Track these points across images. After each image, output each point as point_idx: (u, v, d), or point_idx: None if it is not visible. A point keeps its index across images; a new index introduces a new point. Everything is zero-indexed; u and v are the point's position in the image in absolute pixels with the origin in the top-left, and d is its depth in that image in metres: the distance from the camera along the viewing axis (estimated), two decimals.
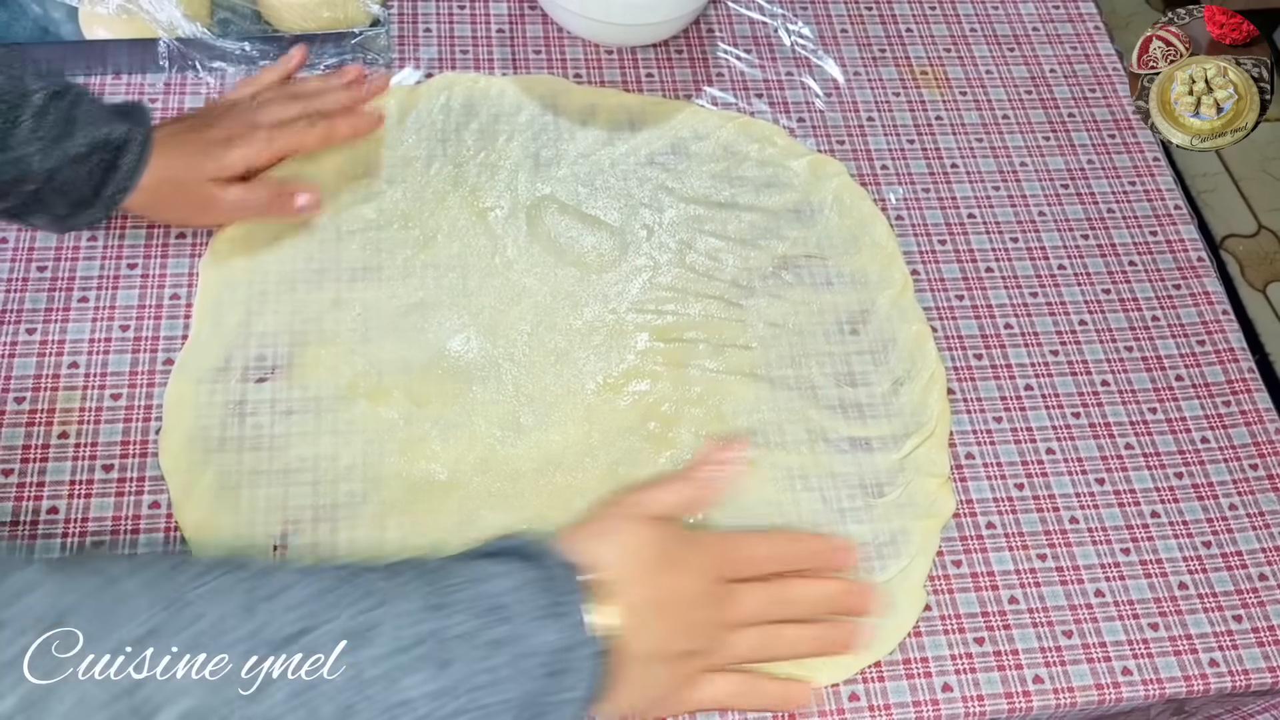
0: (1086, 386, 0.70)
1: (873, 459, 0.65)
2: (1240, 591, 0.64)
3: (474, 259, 0.69)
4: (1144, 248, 0.76)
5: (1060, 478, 0.66)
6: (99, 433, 0.60)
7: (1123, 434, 0.68)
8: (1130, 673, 0.60)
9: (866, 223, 0.73)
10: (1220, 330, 0.73)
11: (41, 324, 0.63)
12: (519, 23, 0.79)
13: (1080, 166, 0.79)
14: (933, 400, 0.67)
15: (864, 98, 0.80)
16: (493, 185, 0.71)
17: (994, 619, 0.61)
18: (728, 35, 0.81)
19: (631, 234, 0.71)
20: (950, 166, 0.77)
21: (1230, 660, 0.61)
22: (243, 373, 0.63)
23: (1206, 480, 0.67)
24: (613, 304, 0.68)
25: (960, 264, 0.73)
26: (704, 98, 0.78)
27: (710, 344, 0.67)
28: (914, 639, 0.60)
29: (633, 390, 0.65)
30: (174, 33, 0.67)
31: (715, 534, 0.50)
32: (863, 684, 0.59)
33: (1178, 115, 0.72)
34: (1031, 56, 0.84)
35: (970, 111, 0.80)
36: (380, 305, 0.66)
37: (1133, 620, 0.62)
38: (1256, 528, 0.66)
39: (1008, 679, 0.60)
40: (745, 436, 0.62)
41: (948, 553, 0.63)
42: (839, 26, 0.83)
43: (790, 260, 0.71)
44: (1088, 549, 0.64)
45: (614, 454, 0.63)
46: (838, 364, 0.68)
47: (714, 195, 0.73)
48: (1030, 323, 0.72)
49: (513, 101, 0.75)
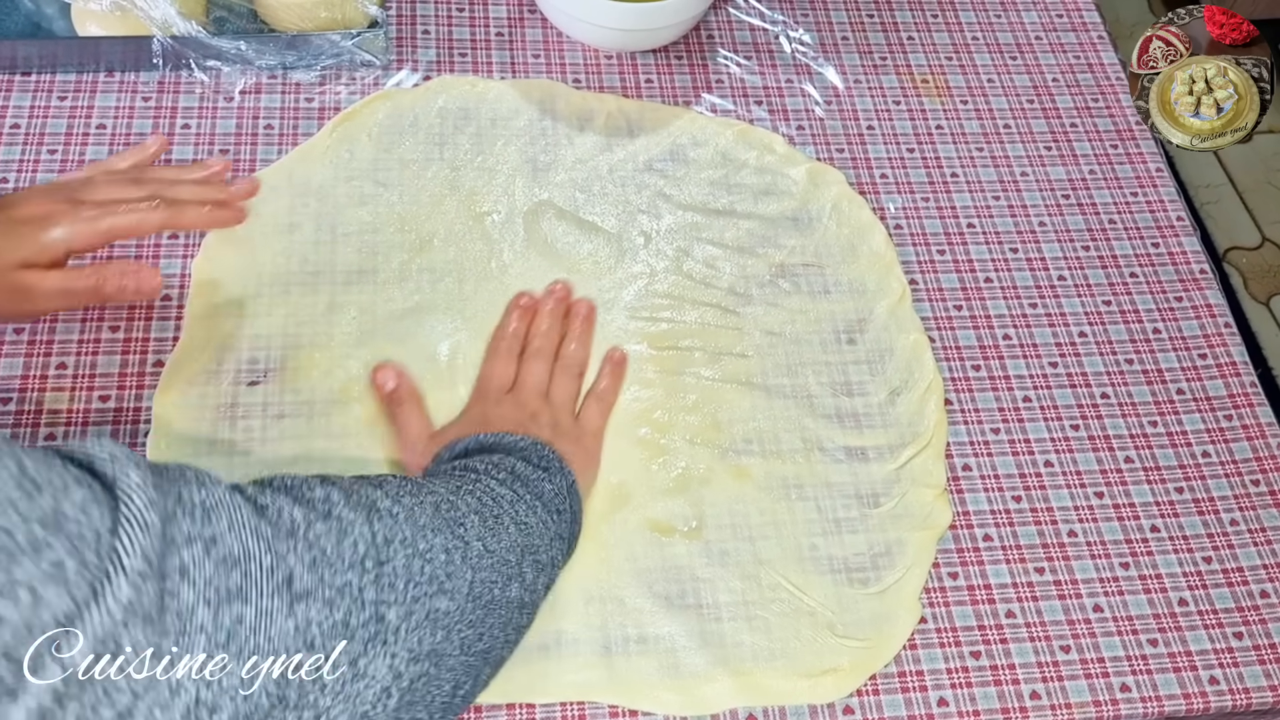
0: (1086, 399, 0.69)
1: (869, 469, 0.64)
2: (1241, 608, 0.63)
3: (470, 264, 0.68)
4: (1145, 259, 0.75)
5: (1059, 490, 0.65)
6: (87, 436, 0.59)
7: (1122, 447, 0.68)
8: (1129, 689, 0.60)
9: (865, 231, 0.73)
10: (1222, 343, 0.72)
11: (29, 324, 0.62)
12: (518, 26, 0.79)
13: (1082, 176, 0.78)
14: (929, 410, 0.66)
15: (864, 106, 0.79)
16: (490, 189, 0.71)
17: (991, 633, 0.60)
18: (728, 41, 0.81)
19: (629, 240, 0.70)
20: (950, 176, 0.77)
21: (1231, 678, 0.61)
22: (235, 375, 0.62)
23: (1207, 495, 0.66)
24: (605, 311, 0.67)
25: (959, 274, 0.73)
26: (703, 104, 0.77)
27: (706, 352, 0.67)
28: (909, 651, 0.59)
29: (625, 396, 0.65)
30: (168, 30, 0.67)
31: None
32: (858, 697, 0.58)
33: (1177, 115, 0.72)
34: (1034, 65, 0.83)
35: (971, 120, 0.80)
36: (375, 309, 0.65)
37: (1132, 636, 0.61)
38: (1258, 543, 0.65)
39: (1004, 694, 0.59)
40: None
41: (944, 565, 0.62)
42: (840, 34, 0.82)
43: (788, 268, 0.71)
44: (1086, 563, 0.63)
45: (606, 460, 0.62)
46: (834, 373, 0.67)
47: (712, 202, 0.73)
48: (1029, 334, 0.71)
49: (511, 106, 0.74)
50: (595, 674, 0.57)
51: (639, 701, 0.56)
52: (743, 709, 0.57)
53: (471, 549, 0.41)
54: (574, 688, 0.56)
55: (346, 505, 0.36)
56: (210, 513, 0.32)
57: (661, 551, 0.61)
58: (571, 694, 0.56)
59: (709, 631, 0.58)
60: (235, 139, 0.70)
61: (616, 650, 0.57)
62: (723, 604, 0.59)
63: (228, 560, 0.31)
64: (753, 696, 0.57)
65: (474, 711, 0.55)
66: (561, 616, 0.58)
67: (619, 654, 0.57)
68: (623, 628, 0.58)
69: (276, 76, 0.72)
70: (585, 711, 0.56)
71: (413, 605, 0.36)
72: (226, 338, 0.63)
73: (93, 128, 0.68)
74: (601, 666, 0.57)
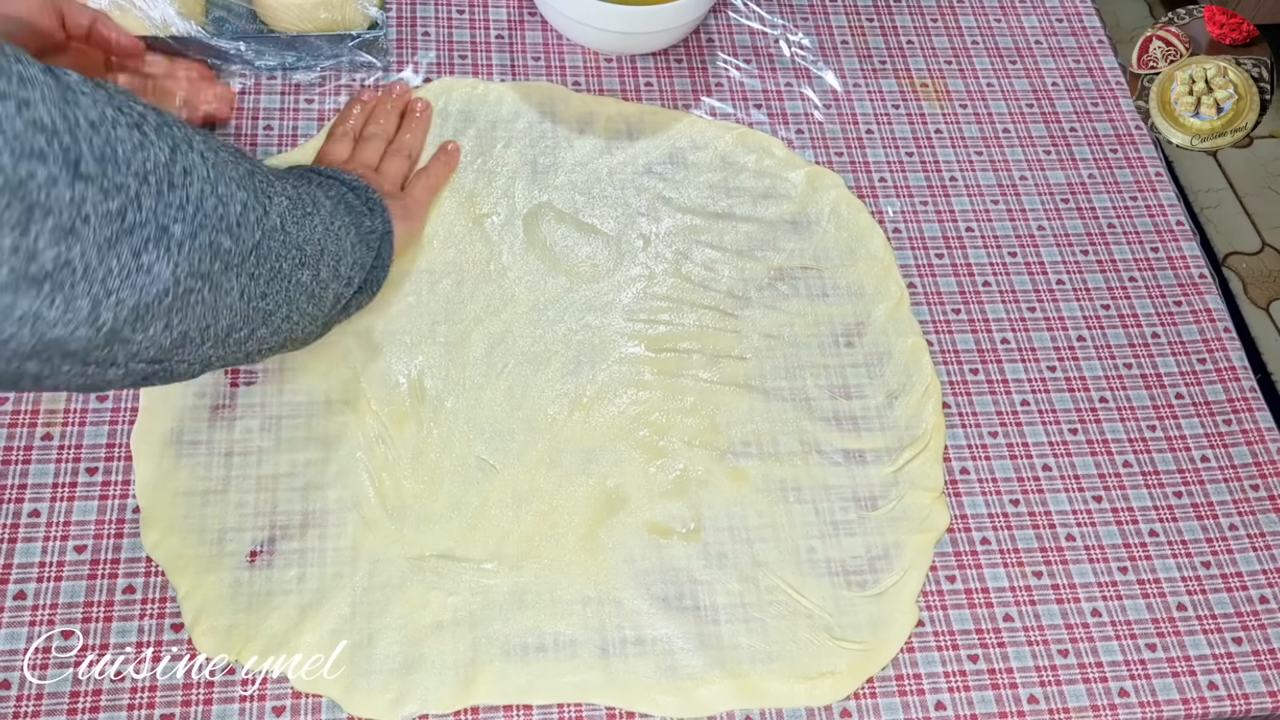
0: (1084, 403, 0.69)
1: (866, 472, 0.64)
2: (1240, 614, 0.63)
3: (469, 265, 0.68)
4: (1145, 264, 0.75)
5: (1057, 494, 0.65)
6: (83, 435, 0.59)
7: (1121, 451, 0.67)
8: (1127, 694, 0.59)
9: (863, 235, 0.73)
10: (1221, 348, 0.72)
11: None
12: (518, 29, 0.79)
13: (1081, 181, 0.78)
14: (927, 414, 0.66)
15: (863, 109, 0.79)
16: (490, 191, 0.71)
17: (988, 636, 0.60)
18: (727, 45, 0.81)
19: (628, 243, 0.70)
20: (949, 179, 0.77)
21: (1230, 683, 0.60)
22: (231, 375, 0.62)
23: (1206, 500, 0.66)
24: (601, 313, 0.67)
25: (958, 278, 0.73)
26: (702, 108, 0.77)
27: (705, 354, 0.67)
28: (907, 655, 0.59)
29: (623, 399, 0.65)
30: (167, 30, 0.67)
31: None
32: (855, 700, 0.58)
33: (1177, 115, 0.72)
34: (1034, 69, 0.83)
35: (970, 124, 0.80)
36: (373, 309, 0.65)
37: (1130, 641, 0.61)
38: (1257, 549, 0.65)
39: (1002, 698, 0.59)
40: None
41: (941, 568, 0.62)
42: (839, 38, 0.82)
43: (786, 271, 0.71)
44: (1084, 567, 0.63)
45: (605, 462, 0.62)
46: (833, 376, 0.67)
47: (711, 205, 0.73)
48: (1028, 338, 0.71)
49: (511, 108, 0.74)
50: (593, 675, 0.57)
51: (636, 703, 0.56)
52: (740, 711, 0.57)
53: (270, 219, 0.46)
54: (571, 689, 0.56)
55: (155, 131, 0.39)
56: (27, 83, 0.34)
57: (659, 553, 0.60)
58: (569, 695, 0.56)
59: (706, 633, 0.58)
60: (235, 139, 0.70)
61: (614, 652, 0.57)
62: (720, 606, 0.59)
63: (36, 124, 0.34)
64: (750, 699, 0.57)
65: (472, 713, 0.55)
66: (559, 618, 0.58)
67: (616, 656, 0.57)
68: (620, 629, 0.58)
69: (276, 77, 0.72)
70: (583, 713, 0.56)
71: (198, 229, 0.40)
72: None
73: None
74: (599, 668, 0.57)
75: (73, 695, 0.53)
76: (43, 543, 0.56)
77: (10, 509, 0.57)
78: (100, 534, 0.57)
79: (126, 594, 0.56)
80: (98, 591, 0.56)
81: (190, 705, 0.54)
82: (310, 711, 0.55)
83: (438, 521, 0.60)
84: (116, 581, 0.56)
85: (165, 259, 0.39)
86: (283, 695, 0.55)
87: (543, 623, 0.58)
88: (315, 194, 0.52)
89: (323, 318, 0.54)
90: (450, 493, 0.61)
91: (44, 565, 0.56)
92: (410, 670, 0.56)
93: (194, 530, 0.57)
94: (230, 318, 0.45)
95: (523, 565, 0.59)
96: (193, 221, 0.40)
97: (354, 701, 0.55)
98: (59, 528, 0.57)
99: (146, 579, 0.56)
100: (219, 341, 0.45)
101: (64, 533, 0.57)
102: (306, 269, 0.49)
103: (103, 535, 0.57)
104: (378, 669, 0.56)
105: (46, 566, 0.56)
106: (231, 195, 0.43)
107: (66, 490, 0.58)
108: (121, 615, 0.55)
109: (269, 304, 0.47)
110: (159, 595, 0.56)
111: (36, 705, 0.53)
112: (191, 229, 0.40)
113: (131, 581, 0.56)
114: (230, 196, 0.43)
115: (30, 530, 0.56)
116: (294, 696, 0.55)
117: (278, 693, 0.55)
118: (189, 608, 0.56)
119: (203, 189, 0.41)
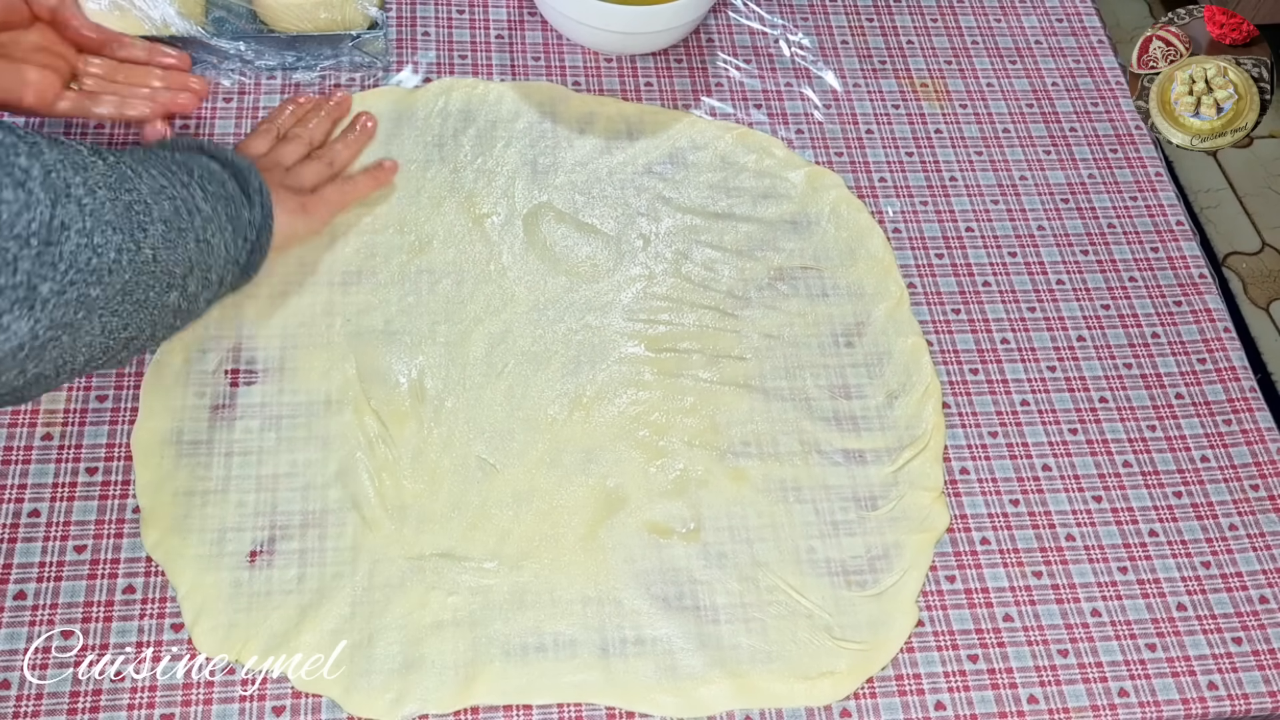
0: (1084, 403, 0.69)
1: (866, 472, 0.64)
2: (1240, 614, 0.63)
3: (469, 265, 0.68)
4: (1144, 264, 0.75)
5: (1057, 494, 0.65)
6: (83, 435, 0.59)
7: (1121, 451, 0.67)
8: (1127, 694, 0.59)
9: (863, 235, 0.73)
10: (1221, 348, 0.72)
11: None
12: (518, 29, 0.79)
13: (1081, 181, 0.78)
14: (927, 414, 0.66)
15: (863, 109, 0.79)
16: (490, 191, 0.71)
17: (988, 636, 0.60)
18: (727, 45, 0.81)
19: (628, 243, 0.70)
20: (949, 179, 0.77)
21: (1230, 683, 0.60)
22: (231, 376, 0.62)
23: (1206, 500, 0.66)
24: (601, 313, 0.67)
25: (958, 278, 0.73)
26: (702, 108, 0.77)
27: (705, 354, 0.67)
28: (906, 655, 0.59)
29: (623, 399, 0.65)
30: (167, 30, 0.67)
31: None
32: (854, 700, 0.58)
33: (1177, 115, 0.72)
34: (1033, 69, 0.83)
35: (970, 124, 0.80)
36: (373, 310, 0.65)
37: (1130, 641, 0.61)
38: (1257, 549, 0.65)
39: (1002, 698, 0.59)
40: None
41: (941, 568, 0.62)
42: (839, 38, 0.82)
43: (786, 271, 0.71)
44: (1084, 567, 0.63)
45: (605, 462, 0.62)
46: (832, 376, 0.67)
47: (711, 206, 0.73)
48: (1028, 338, 0.71)
49: (511, 108, 0.74)
50: (592, 675, 0.57)
51: (636, 703, 0.56)
52: (739, 711, 0.57)
53: (142, 254, 0.45)
54: (571, 689, 0.56)
55: (41, 185, 0.39)
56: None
57: (659, 553, 0.60)
58: (569, 695, 0.56)
59: (706, 633, 0.58)
60: (234, 139, 0.70)
61: (614, 652, 0.57)
62: (720, 606, 0.59)
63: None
64: (750, 699, 0.57)
65: (472, 713, 0.55)
66: (559, 618, 0.58)
67: (616, 655, 0.57)
68: (620, 629, 0.58)
69: (276, 77, 0.72)
70: (582, 713, 0.56)
71: (68, 287, 0.40)
72: (222, 338, 0.63)
73: (92, 126, 0.68)
74: (599, 668, 0.57)
75: (73, 695, 0.53)
76: (43, 543, 0.56)
77: (10, 509, 0.57)
78: (100, 534, 0.57)
79: (126, 594, 0.56)
80: (98, 591, 0.56)
81: (190, 705, 0.54)
82: (310, 711, 0.55)
83: (438, 521, 0.60)
84: (116, 581, 0.56)
85: (27, 317, 0.38)
86: (283, 695, 0.55)
87: (543, 623, 0.58)
88: (194, 197, 0.51)
89: (193, 319, 0.53)
90: (450, 492, 0.61)
91: (44, 565, 0.56)
92: (410, 670, 0.56)
93: (194, 530, 0.57)
94: (90, 352, 0.44)
95: (523, 565, 0.59)
96: (63, 279, 0.40)
97: (354, 701, 0.55)
98: (59, 528, 0.57)
99: (146, 579, 0.56)
100: (76, 373, 0.45)
101: (64, 533, 0.57)
102: (174, 290, 0.48)
103: (103, 535, 0.57)
104: (378, 669, 0.56)
105: (46, 566, 0.56)
106: (106, 242, 0.42)
107: (66, 490, 0.58)
108: (121, 615, 0.55)
109: (131, 331, 0.46)
110: (159, 595, 0.56)
111: (36, 705, 0.53)
112: (60, 286, 0.40)
113: (131, 581, 0.56)
114: (105, 244, 0.42)
115: (30, 530, 0.57)
116: (294, 696, 0.55)
117: (278, 693, 0.55)
118: (189, 608, 0.56)
119: (78, 243, 0.40)
